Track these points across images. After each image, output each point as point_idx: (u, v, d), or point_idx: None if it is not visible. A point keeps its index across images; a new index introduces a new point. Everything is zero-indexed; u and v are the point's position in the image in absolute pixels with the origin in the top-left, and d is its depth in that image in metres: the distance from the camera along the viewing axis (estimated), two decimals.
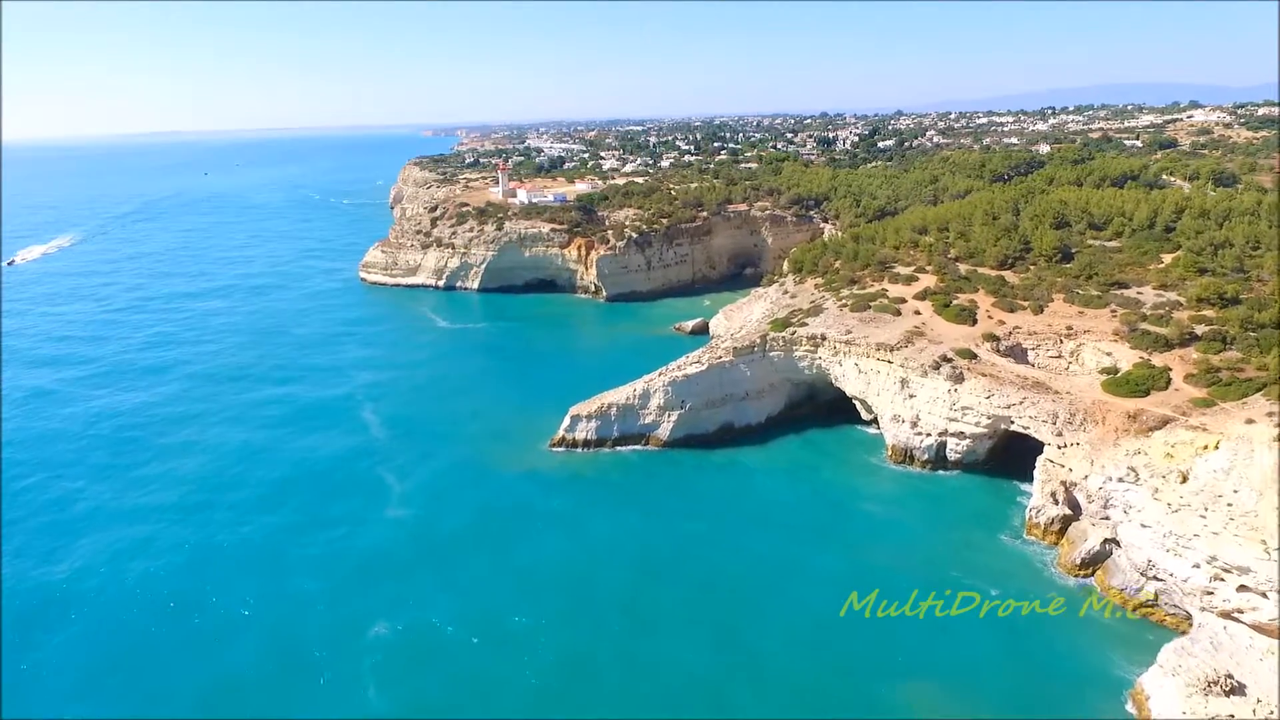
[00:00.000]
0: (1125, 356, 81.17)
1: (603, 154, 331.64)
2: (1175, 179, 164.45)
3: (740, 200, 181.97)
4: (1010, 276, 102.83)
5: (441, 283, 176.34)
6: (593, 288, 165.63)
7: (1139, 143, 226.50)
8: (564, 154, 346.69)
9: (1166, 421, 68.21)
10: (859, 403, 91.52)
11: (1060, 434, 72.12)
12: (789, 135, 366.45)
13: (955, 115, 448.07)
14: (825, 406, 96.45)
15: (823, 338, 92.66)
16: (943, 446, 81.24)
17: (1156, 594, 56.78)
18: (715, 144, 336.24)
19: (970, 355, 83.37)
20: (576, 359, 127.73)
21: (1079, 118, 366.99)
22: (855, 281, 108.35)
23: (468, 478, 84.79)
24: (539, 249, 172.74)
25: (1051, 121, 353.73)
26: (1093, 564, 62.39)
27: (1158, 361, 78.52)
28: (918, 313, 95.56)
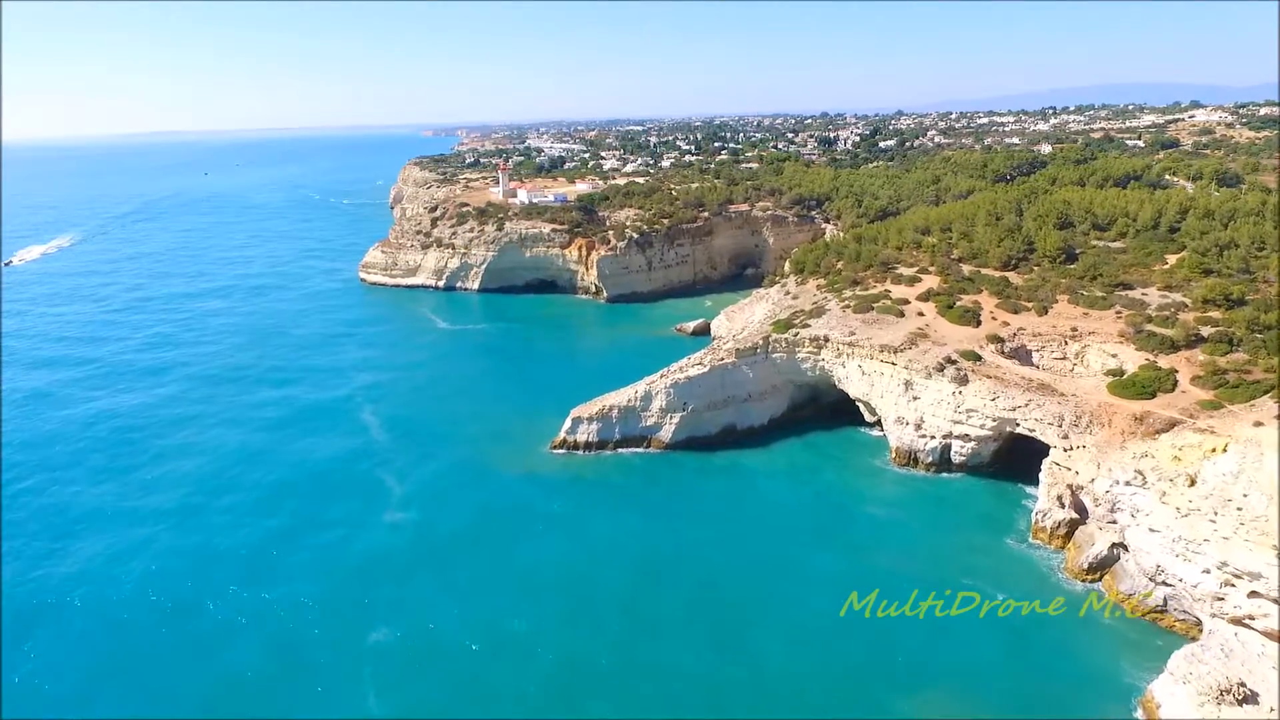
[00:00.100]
0: (1131, 358, 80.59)
1: (603, 154, 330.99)
2: (1178, 179, 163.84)
3: (742, 200, 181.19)
4: (1014, 277, 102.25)
5: (441, 283, 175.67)
6: (593, 288, 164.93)
7: (1141, 143, 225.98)
8: (564, 154, 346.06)
9: (1173, 424, 67.60)
10: (862, 405, 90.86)
11: (1066, 436, 71.43)
12: (790, 135, 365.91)
13: (956, 115, 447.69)
14: (828, 408, 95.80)
15: (826, 339, 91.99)
16: (947, 449, 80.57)
17: (1165, 599, 56.14)
18: (716, 144, 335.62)
19: (975, 357, 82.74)
20: (577, 360, 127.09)
21: (1080, 117, 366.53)
22: (858, 282, 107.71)
23: (468, 480, 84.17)
24: (539, 249, 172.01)
25: (1053, 121, 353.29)
26: (1100, 569, 61.74)
27: (1164, 363, 77.95)
28: (921, 314, 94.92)
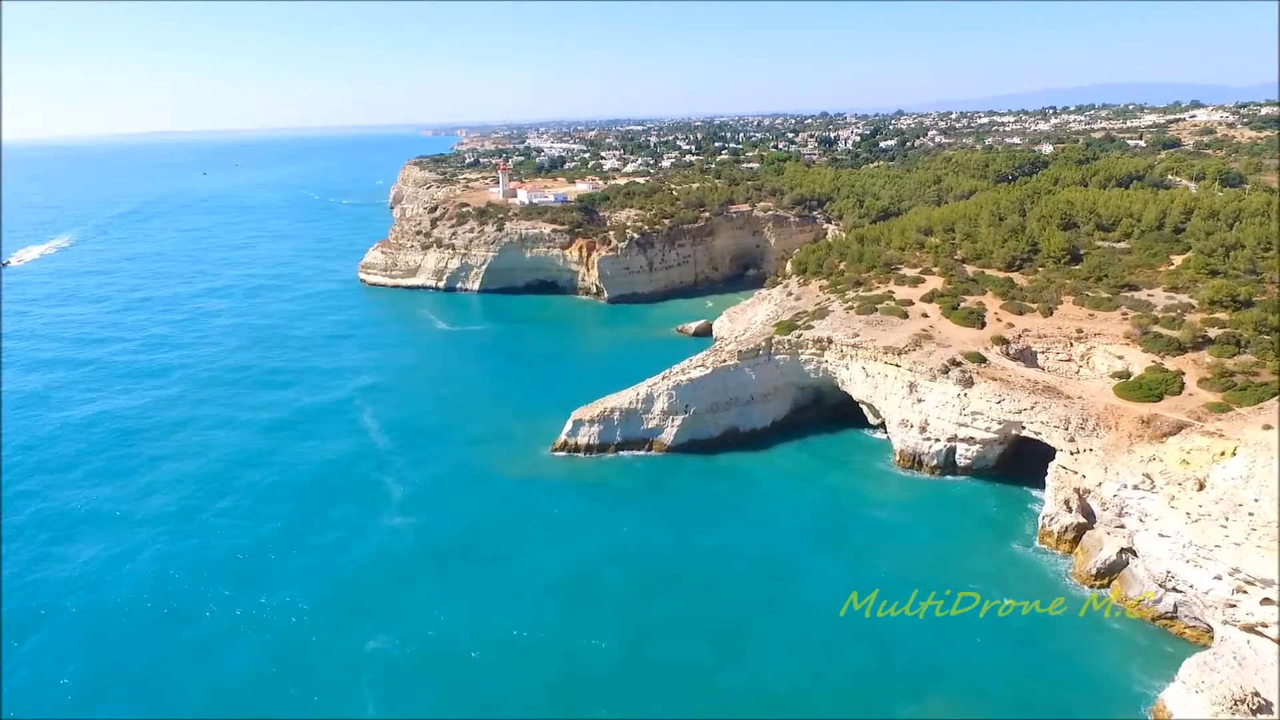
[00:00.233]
0: (1137, 360, 79.86)
1: (603, 154, 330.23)
2: (1181, 179, 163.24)
3: (743, 201, 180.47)
4: (1018, 278, 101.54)
5: (442, 284, 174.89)
6: (594, 289, 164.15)
7: (1142, 143, 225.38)
8: (564, 154, 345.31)
9: (1181, 427, 66.81)
10: (866, 407, 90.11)
11: (1073, 439, 70.66)
12: (790, 135, 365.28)
13: (956, 115, 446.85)
14: (831, 410, 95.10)
15: (829, 341, 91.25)
16: (952, 452, 79.80)
17: (1175, 606, 55.38)
18: (716, 144, 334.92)
19: (979, 359, 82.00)
20: (578, 361, 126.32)
21: (1080, 117, 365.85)
22: (861, 283, 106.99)
23: (468, 482, 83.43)
24: (540, 250, 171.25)
25: (1053, 121, 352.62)
26: (1109, 574, 60.97)
27: (1170, 365, 77.17)
28: (925, 315, 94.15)
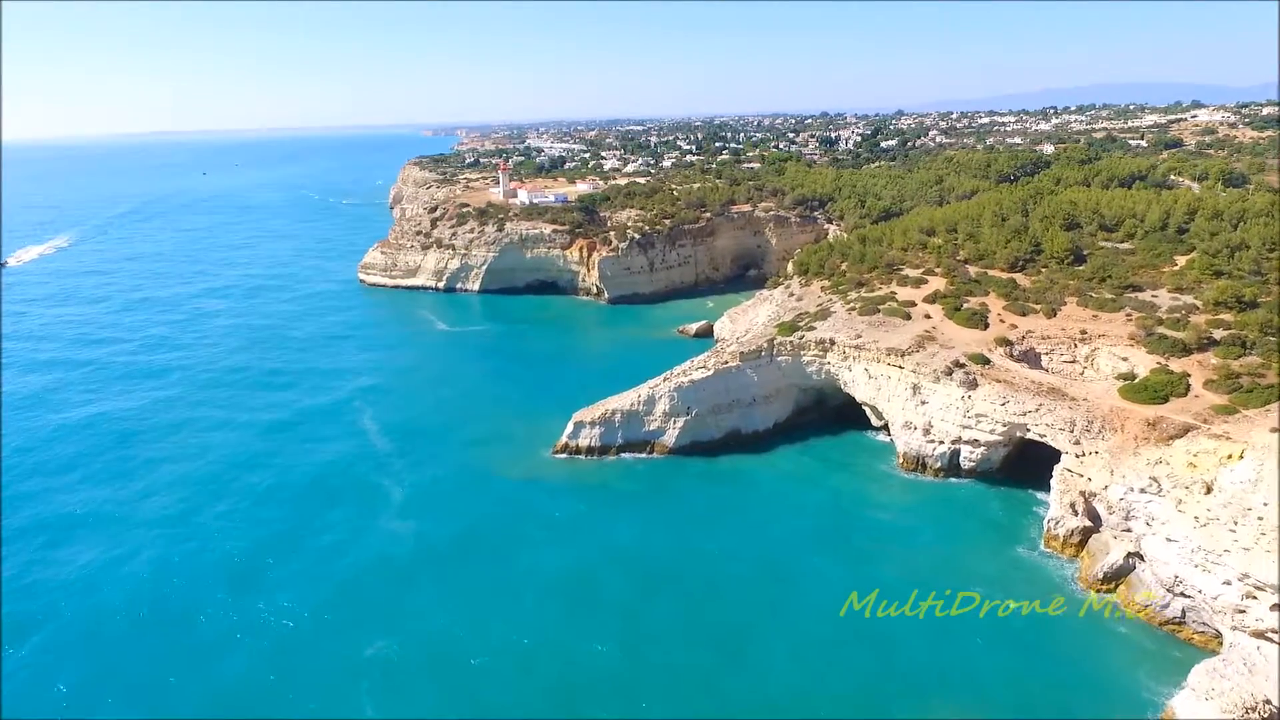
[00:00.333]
0: (1142, 361, 79.33)
1: (603, 154, 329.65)
2: (1183, 179, 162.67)
3: (744, 201, 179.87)
4: (1021, 279, 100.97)
5: (441, 284, 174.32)
6: (594, 289, 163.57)
7: (1144, 143, 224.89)
8: (564, 154, 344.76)
9: (1188, 429, 66.30)
10: (869, 409, 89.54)
11: (1078, 442, 70.10)
12: (790, 135, 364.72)
13: (957, 115, 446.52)
14: (834, 412, 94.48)
15: (831, 342, 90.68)
16: (956, 454, 79.20)
17: (1184, 611, 54.80)
18: (717, 144, 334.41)
19: (983, 360, 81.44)
20: (579, 362, 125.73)
21: (1081, 117, 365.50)
22: (863, 284, 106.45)
23: (468, 485, 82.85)
24: (540, 250, 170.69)
25: (1054, 121, 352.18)
26: (1116, 578, 60.32)
27: (1176, 367, 76.62)
28: (928, 316, 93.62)
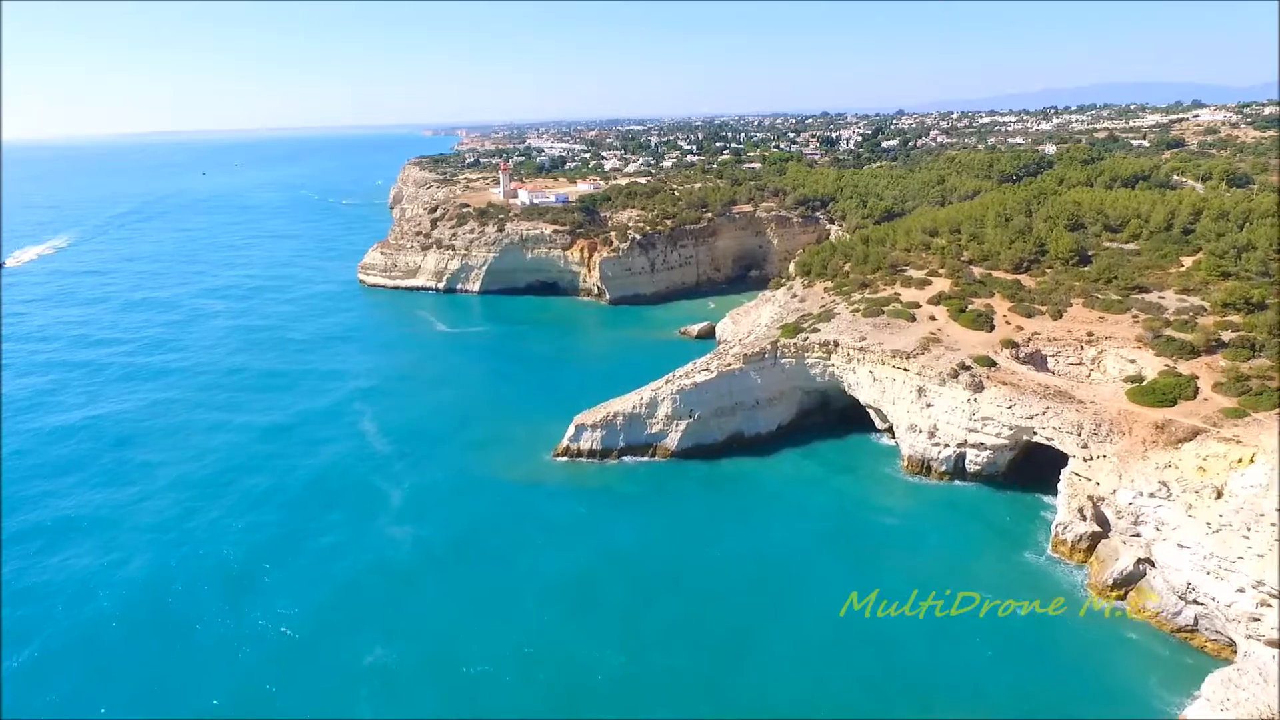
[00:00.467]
0: (1149, 364, 78.49)
1: (604, 154, 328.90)
2: (1187, 179, 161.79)
3: (745, 201, 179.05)
4: (1026, 280, 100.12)
5: (441, 285, 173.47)
6: (595, 290, 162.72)
7: (1146, 143, 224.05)
8: (565, 154, 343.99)
9: (1197, 433, 65.45)
10: (873, 411, 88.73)
11: (1086, 446, 69.28)
12: (791, 135, 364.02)
13: (958, 115, 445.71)
14: (837, 415, 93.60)
15: (836, 344, 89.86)
16: (961, 458, 78.38)
17: (1196, 619, 53.98)
18: (718, 144, 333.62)
19: (989, 363, 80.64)
20: (580, 364, 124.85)
21: (1082, 117, 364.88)
22: (866, 285, 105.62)
23: (469, 488, 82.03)
24: (541, 251, 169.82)
25: (1055, 121, 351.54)
26: (1126, 585, 59.47)
27: (1184, 369, 75.77)
28: (933, 318, 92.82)
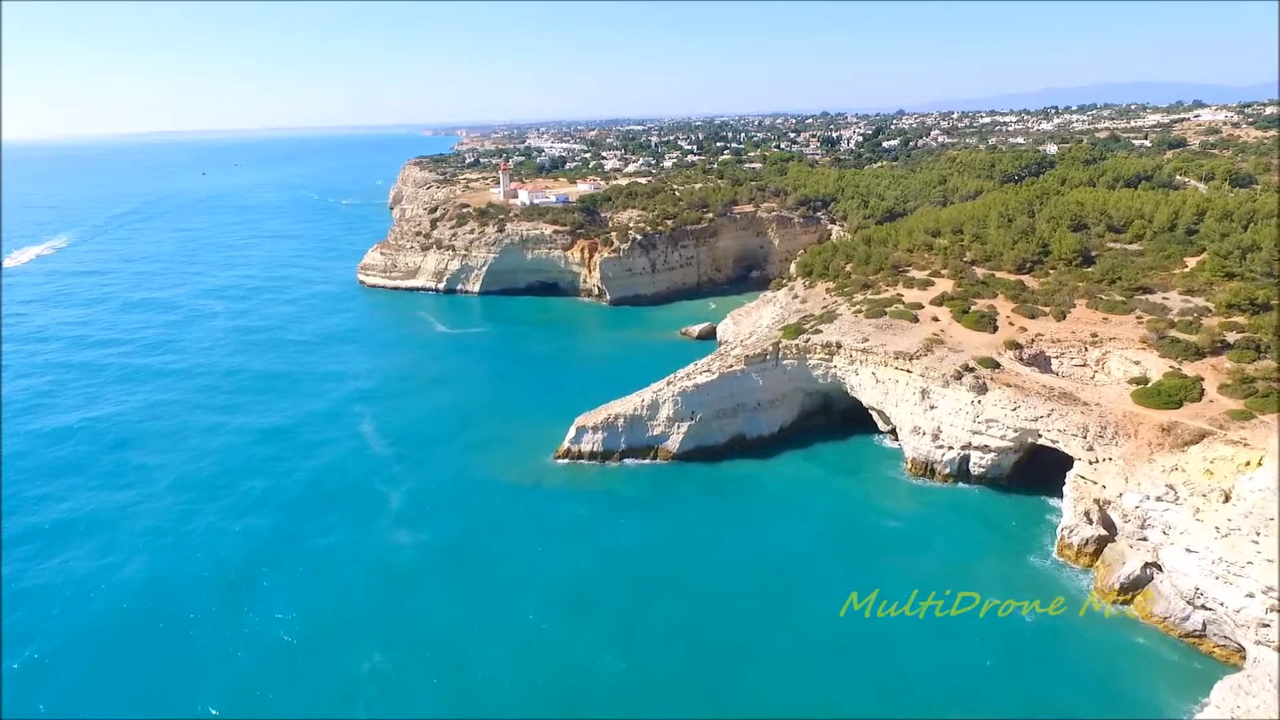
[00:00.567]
0: (1154, 365, 77.89)
1: (604, 154, 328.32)
2: (1190, 179, 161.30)
3: (746, 201, 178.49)
4: (1029, 281, 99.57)
5: (441, 285, 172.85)
6: (596, 291, 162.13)
7: (1147, 143, 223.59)
8: (565, 154, 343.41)
9: (1203, 435, 64.87)
10: (876, 413, 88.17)
11: (1091, 448, 68.70)
12: (792, 135, 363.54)
13: (958, 115, 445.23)
14: (840, 417, 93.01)
15: (838, 345, 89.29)
16: (966, 460, 77.81)
17: (1204, 624, 53.42)
18: (718, 144, 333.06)
19: (993, 364, 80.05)
20: (581, 365, 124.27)
21: (1083, 117, 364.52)
22: (869, 286, 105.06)
23: (469, 491, 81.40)
24: (541, 251, 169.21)
25: (1056, 121, 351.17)
26: (1133, 589, 58.85)
27: (1189, 371, 75.15)
28: (936, 319, 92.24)
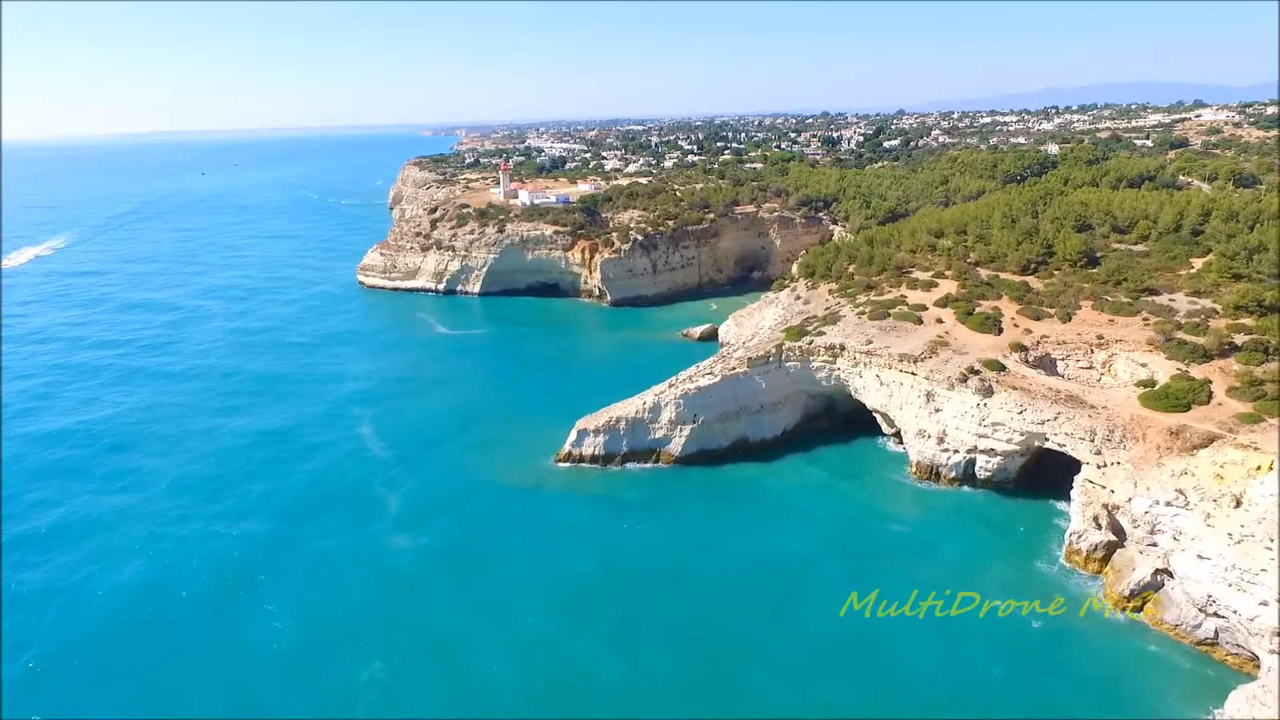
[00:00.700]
0: (1161, 368, 77.13)
1: (604, 154, 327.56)
2: (1193, 179, 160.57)
3: (748, 201, 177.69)
4: (1034, 282, 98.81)
5: (441, 286, 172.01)
6: (597, 292, 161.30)
7: (1149, 143, 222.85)
8: (565, 154, 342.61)
9: (1213, 439, 64.03)
10: (880, 416, 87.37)
11: (1099, 452, 67.89)
12: (792, 135, 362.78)
13: (959, 115, 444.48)
14: (843, 420, 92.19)
15: (842, 348, 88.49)
16: (971, 464, 77.01)
17: (1217, 632, 52.62)
18: (718, 144, 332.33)
19: (998, 367, 79.26)
20: (582, 366, 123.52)
21: (1084, 117, 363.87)
22: (872, 287, 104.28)
23: (469, 494, 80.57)
24: (541, 252, 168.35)
25: (1057, 121, 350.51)
26: (1143, 596, 58.05)
27: (1196, 373, 74.36)
28: (940, 321, 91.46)
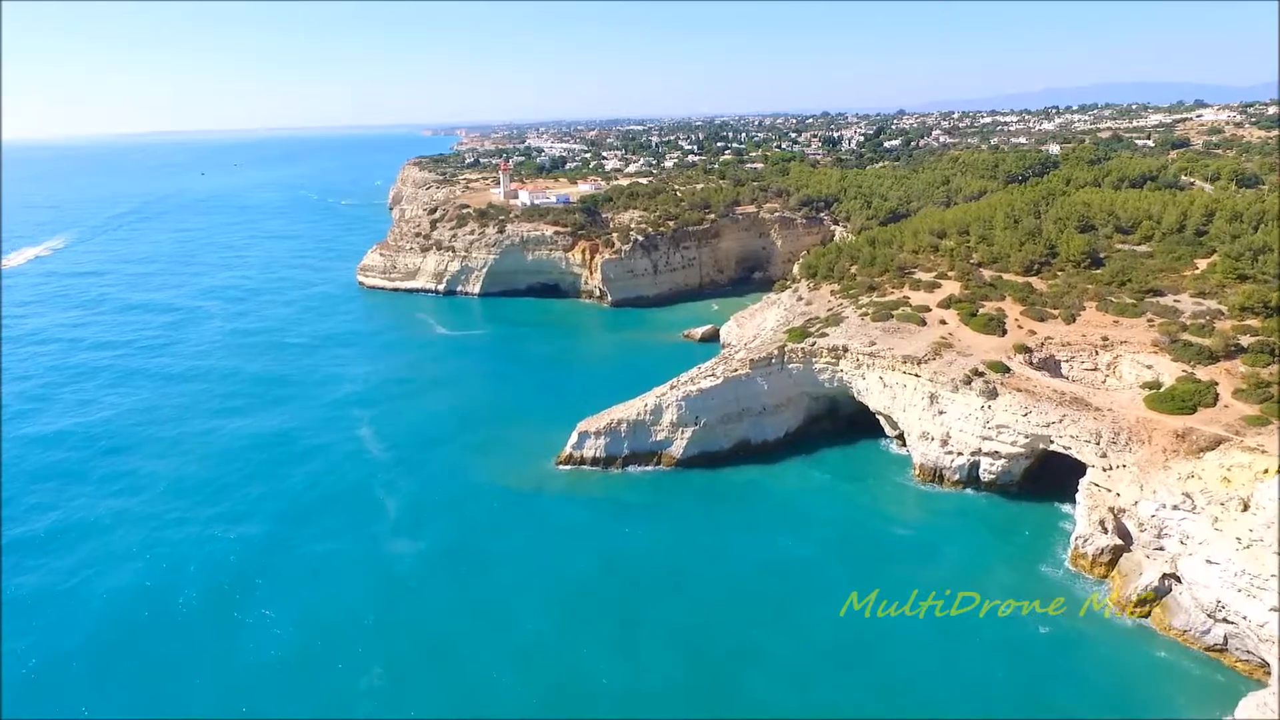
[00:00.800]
0: (1167, 369, 76.60)
1: (605, 154, 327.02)
2: (1195, 179, 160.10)
3: (748, 202, 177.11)
4: (1038, 283, 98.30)
5: (441, 287, 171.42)
6: (597, 292, 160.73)
7: (1150, 142, 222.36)
8: (565, 154, 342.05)
9: (1219, 441, 63.56)
10: (883, 418, 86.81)
11: (1105, 455, 67.36)
12: (792, 135, 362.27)
13: (959, 115, 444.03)
14: (846, 422, 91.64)
15: (845, 349, 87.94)
16: (975, 466, 76.45)
17: (1225, 638, 52.06)
18: (719, 144, 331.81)
19: (1003, 368, 78.73)
20: (582, 367, 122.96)
21: (1085, 117, 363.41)
22: (874, 288, 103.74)
23: (469, 496, 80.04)
24: (542, 252, 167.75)
25: (1057, 121, 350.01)
26: (1150, 601, 57.45)
27: (1202, 375, 73.89)
28: (943, 322, 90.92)
